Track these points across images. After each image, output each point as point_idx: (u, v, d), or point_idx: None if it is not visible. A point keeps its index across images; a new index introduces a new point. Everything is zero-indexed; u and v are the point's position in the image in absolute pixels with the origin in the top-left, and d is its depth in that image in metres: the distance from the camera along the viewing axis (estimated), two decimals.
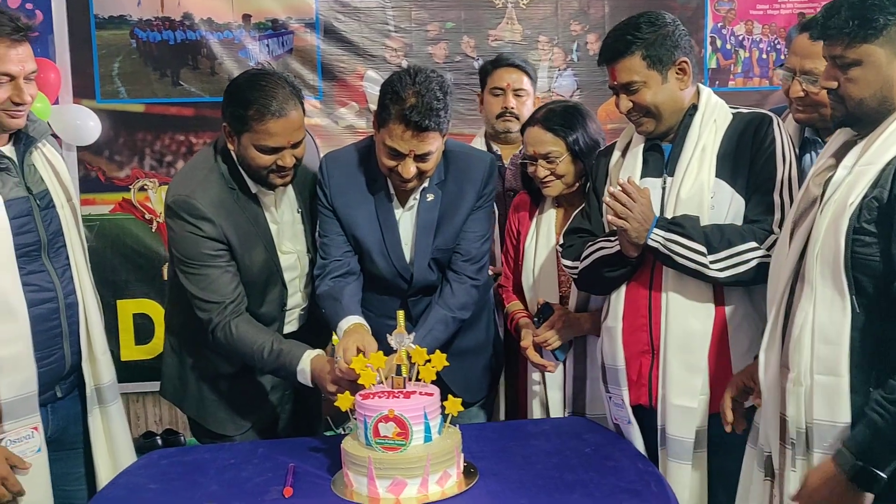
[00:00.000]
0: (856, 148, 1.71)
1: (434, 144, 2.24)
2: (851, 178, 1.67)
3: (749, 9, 4.28)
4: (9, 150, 2.16)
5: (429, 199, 2.40)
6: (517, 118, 3.01)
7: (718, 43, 4.28)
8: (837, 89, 1.70)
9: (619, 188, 2.08)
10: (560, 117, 2.49)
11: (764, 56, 4.29)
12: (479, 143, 3.11)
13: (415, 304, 2.48)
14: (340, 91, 4.11)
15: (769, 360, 1.79)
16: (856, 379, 1.62)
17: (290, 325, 2.51)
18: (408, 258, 2.43)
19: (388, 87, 2.23)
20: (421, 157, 2.25)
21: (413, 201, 2.42)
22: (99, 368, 2.30)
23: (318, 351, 2.28)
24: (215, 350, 2.39)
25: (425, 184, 2.37)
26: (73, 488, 2.30)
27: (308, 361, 2.23)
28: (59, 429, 2.24)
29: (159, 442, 4.05)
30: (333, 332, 2.42)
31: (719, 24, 4.27)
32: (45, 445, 2.16)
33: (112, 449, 2.33)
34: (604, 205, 2.13)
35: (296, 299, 2.50)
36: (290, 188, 2.43)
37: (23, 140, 2.18)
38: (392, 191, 2.40)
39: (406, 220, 2.43)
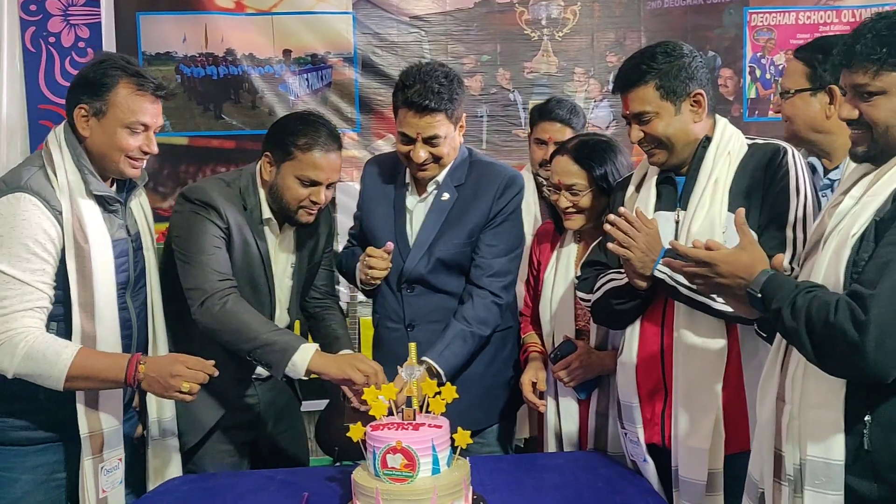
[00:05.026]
0: (865, 179, 1.66)
1: (440, 128, 2.36)
2: (858, 208, 1.61)
3: (789, 38, 4.20)
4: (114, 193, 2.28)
5: (444, 199, 2.49)
6: None
7: (758, 73, 4.23)
8: (860, 118, 1.62)
9: (620, 216, 2.05)
10: (590, 150, 2.46)
11: None
12: (526, 177, 3.08)
13: (409, 302, 2.50)
14: (378, 124, 4.16)
15: (766, 392, 1.75)
16: (850, 416, 1.57)
17: None
18: (410, 244, 2.50)
19: (398, 80, 2.42)
20: (429, 141, 2.38)
21: (428, 194, 2.51)
22: (162, 404, 2.38)
23: (316, 346, 2.31)
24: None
25: (440, 176, 2.47)
26: None
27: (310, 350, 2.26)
28: None
29: None
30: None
31: (758, 54, 4.22)
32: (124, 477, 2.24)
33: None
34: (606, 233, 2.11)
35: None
36: (292, 246, 2.53)
37: (126, 185, 2.31)
38: (408, 180, 2.52)
39: (419, 210, 2.53)
